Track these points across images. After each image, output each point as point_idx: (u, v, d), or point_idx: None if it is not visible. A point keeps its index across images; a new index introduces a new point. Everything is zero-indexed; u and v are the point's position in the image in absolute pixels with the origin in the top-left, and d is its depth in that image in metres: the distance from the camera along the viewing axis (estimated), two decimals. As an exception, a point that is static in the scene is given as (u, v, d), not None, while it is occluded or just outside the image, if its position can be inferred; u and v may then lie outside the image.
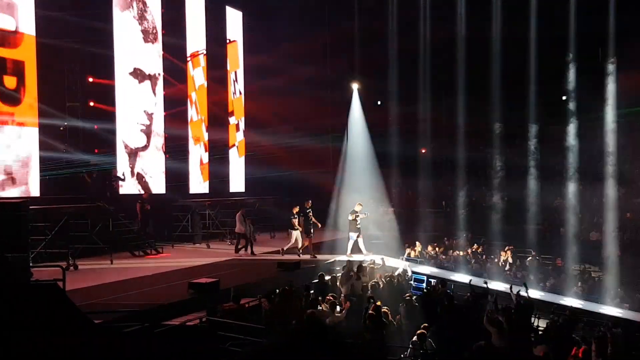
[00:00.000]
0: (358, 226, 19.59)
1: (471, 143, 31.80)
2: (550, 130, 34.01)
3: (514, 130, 33.37)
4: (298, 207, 19.69)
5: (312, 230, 19.67)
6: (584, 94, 32.09)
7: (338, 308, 12.69)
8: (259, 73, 27.10)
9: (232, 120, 26.50)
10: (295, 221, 19.56)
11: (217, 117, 25.57)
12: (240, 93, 26.97)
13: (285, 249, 19.77)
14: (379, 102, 31.03)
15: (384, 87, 30.22)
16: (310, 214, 19.74)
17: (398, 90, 30.08)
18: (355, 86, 29.62)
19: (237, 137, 26.90)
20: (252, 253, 20.00)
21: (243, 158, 27.13)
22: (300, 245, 19.71)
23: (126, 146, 20.56)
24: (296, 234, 19.64)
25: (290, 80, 26.76)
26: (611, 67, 28.32)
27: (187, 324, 10.81)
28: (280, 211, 23.53)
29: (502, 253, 23.32)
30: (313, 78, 28.61)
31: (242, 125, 27.23)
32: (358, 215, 19.60)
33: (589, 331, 14.06)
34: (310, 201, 20.07)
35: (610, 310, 17.57)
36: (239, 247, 20.38)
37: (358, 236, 19.66)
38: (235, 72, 26.71)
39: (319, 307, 12.60)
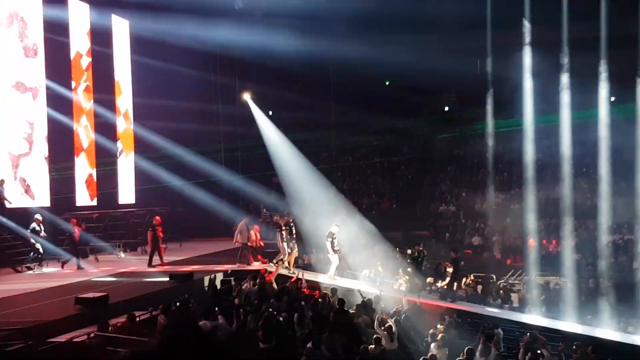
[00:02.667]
0: (337, 248, 19.05)
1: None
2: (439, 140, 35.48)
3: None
4: (283, 221, 19.52)
5: (295, 245, 19.46)
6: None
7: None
8: (148, 89, 26.61)
9: (121, 127, 25.82)
10: (282, 234, 19.24)
11: (105, 128, 24.83)
12: (127, 110, 26.32)
13: (276, 261, 19.47)
14: (270, 112, 31.17)
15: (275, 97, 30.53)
16: (294, 228, 19.54)
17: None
18: (247, 96, 29.61)
19: (126, 148, 26.24)
20: (150, 265, 19.48)
21: (133, 169, 26.47)
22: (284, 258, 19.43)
23: (9, 154, 19.78)
24: (285, 246, 19.32)
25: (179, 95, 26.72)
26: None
27: (74, 340, 10.47)
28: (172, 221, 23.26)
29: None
30: (202, 91, 28.55)
31: (130, 137, 26.57)
32: (335, 237, 19.12)
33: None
34: (291, 215, 20.03)
35: (493, 311, 18.36)
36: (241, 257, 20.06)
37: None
38: (122, 91, 26.05)
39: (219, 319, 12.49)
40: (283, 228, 19.36)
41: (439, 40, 35.84)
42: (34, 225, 18.62)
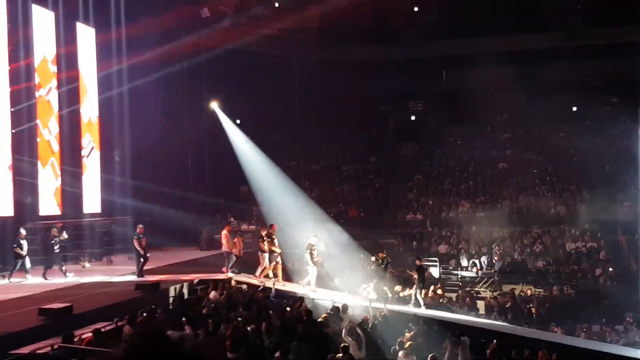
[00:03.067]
0: (316, 259, 18.73)
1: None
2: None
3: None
4: (265, 230, 19.18)
5: (278, 256, 18.97)
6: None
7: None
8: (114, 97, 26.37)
9: (87, 142, 25.48)
10: (264, 244, 18.81)
11: (70, 137, 24.49)
12: (94, 120, 25.99)
13: (258, 274, 19.00)
14: (237, 121, 31.07)
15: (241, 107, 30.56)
16: (275, 239, 19.06)
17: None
18: (214, 105, 29.49)
19: (92, 157, 25.89)
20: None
21: (99, 178, 26.09)
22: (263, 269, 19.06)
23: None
24: (267, 257, 18.85)
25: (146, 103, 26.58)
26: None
27: (37, 352, 10.29)
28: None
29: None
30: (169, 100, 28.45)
31: (96, 145, 26.22)
32: (314, 248, 18.82)
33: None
34: (274, 225, 19.57)
35: (459, 318, 18.49)
36: (231, 266, 19.63)
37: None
38: (88, 96, 25.71)
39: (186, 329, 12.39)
40: (265, 239, 18.94)
41: (404, 49, 36.22)
42: (18, 240, 18.42)
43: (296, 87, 34.63)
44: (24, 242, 18.49)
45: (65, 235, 20.09)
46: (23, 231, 18.75)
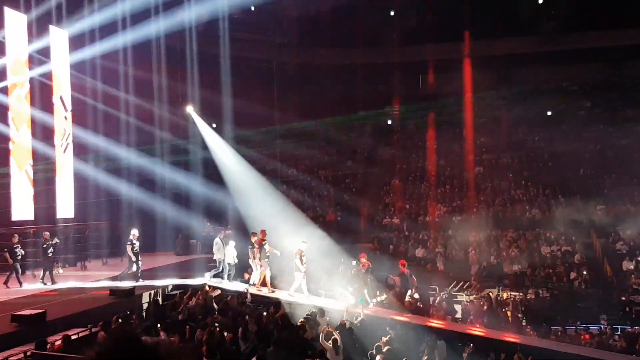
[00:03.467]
0: (304, 265, 18.51)
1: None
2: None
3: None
4: (255, 237, 18.93)
5: (267, 264, 18.74)
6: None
7: None
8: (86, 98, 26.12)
9: (59, 142, 25.16)
10: (255, 252, 18.61)
11: (44, 140, 24.19)
12: (66, 118, 25.68)
13: (254, 283, 18.86)
14: (214, 125, 30.89)
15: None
16: (266, 244, 18.79)
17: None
18: (190, 108, 29.29)
19: (65, 160, 25.56)
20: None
21: (72, 184, 25.75)
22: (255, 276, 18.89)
23: None
24: (258, 264, 18.70)
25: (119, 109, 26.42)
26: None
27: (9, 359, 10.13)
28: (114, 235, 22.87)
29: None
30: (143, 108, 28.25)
31: (70, 149, 25.90)
32: (304, 255, 18.61)
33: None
34: (264, 230, 19.25)
35: (436, 322, 18.54)
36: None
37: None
38: (61, 97, 25.42)
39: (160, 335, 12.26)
40: (255, 245, 18.74)
41: (382, 54, 36.40)
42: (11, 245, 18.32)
43: (275, 91, 34.59)
44: (18, 248, 18.32)
45: (56, 240, 19.96)
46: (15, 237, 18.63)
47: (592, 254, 26.13)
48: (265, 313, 15.53)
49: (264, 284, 18.79)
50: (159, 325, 13.02)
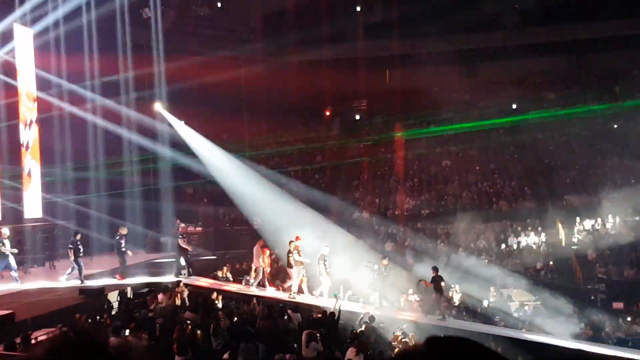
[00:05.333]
0: (327, 270, 18.59)
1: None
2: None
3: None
4: (291, 242, 18.80)
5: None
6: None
7: None
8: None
9: (24, 138, 24.86)
10: (291, 259, 18.50)
11: (9, 139, 23.92)
12: (32, 121, 25.38)
13: (290, 288, 18.80)
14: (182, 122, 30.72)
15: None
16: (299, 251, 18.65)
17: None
18: (159, 106, 29.12)
19: (32, 159, 25.27)
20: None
21: (39, 183, 25.46)
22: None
23: None
24: (295, 271, 18.59)
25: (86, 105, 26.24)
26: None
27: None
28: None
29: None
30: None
31: (36, 148, 25.60)
32: (327, 259, 18.67)
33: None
34: (298, 237, 19.12)
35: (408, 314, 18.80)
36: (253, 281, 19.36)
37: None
38: (27, 94, 25.11)
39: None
40: (292, 251, 18.63)
41: (349, 49, 36.55)
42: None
43: (243, 87, 34.53)
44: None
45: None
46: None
47: (558, 244, 26.55)
48: (237, 309, 15.66)
49: (300, 290, 18.74)
50: (129, 324, 13.02)
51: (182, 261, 19.98)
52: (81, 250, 18.71)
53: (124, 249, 19.30)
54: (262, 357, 12.41)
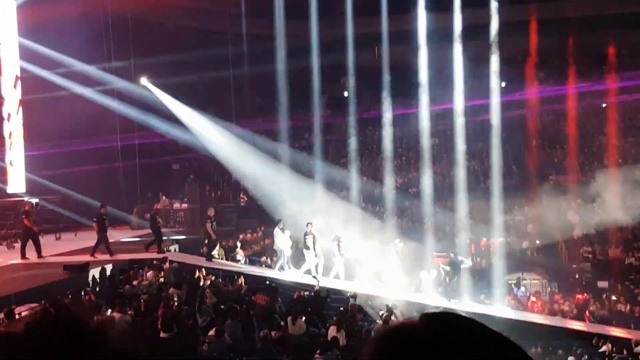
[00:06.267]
0: (342, 252, 18.39)
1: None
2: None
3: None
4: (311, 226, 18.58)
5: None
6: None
7: None
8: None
9: (8, 112, 24.48)
10: (309, 240, 18.31)
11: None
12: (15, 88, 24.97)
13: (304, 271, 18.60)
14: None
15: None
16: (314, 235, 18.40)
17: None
18: (145, 80, 28.76)
19: (15, 135, 24.92)
20: None
21: (23, 157, 25.12)
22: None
23: None
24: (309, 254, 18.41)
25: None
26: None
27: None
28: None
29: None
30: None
31: (19, 121, 25.21)
32: (341, 241, 18.48)
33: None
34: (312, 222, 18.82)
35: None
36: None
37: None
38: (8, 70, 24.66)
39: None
40: (309, 233, 18.38)
41: (337, 25, 36.11)
42: None
43: (230, 63, 34.14)
44: None
45: None
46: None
47: (544, 222, 26.59)
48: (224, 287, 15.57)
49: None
50: (113, 300, 12.89)
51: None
52: (107, 224, 18.71)
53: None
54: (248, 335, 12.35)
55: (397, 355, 0.89)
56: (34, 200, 20.27)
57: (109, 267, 17.22)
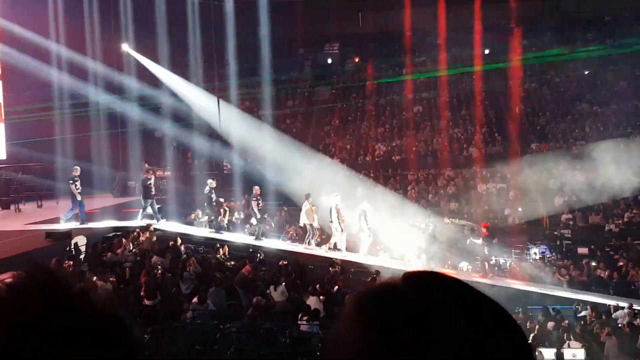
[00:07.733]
0: (369, 226, 18.09)
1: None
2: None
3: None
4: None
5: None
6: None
7: None
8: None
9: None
10: (332, 214, 18.01)
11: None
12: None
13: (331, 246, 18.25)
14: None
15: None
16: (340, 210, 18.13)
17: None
18: (126, 47, 28.37)
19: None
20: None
21: (2, 125, 24.74)
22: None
23: None
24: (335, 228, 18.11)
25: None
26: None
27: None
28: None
29: (278, 214, 24.22)
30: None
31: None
32: (367, 215, 18.09)
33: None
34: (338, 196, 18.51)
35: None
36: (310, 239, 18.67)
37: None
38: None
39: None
40: (336, 208, 18.09)
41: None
42: None
43: (213, 30, 33.71)
44: None
45: None
46: None
47: (526, 190, 26.77)
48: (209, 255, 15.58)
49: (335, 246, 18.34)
50: (96, 267, 12.87)
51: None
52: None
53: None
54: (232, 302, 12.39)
55: (378, 315, 0.88)
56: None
57: (92, 236, 17.14)
